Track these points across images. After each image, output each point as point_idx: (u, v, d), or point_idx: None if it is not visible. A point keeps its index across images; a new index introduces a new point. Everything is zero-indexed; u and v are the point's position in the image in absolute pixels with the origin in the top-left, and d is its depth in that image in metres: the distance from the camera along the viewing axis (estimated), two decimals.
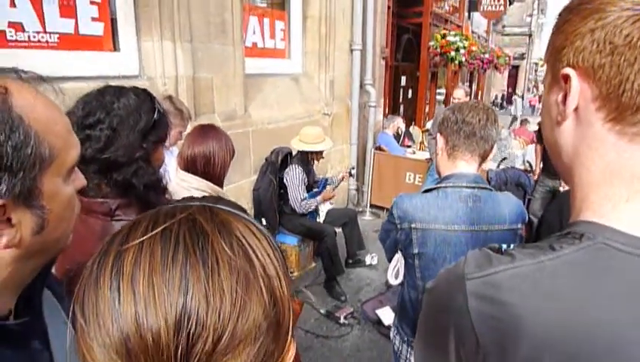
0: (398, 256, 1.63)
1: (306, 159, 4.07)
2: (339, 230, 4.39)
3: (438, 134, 1.59)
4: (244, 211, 0.51)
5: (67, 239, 0.67)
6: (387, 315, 3.57)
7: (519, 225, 1.53)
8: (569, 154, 0.58)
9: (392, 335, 1.83)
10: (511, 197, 1.57)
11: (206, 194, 1.90)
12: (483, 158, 1.55)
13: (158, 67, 3.29)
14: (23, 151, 0.54)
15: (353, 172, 4.90)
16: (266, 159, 4.12)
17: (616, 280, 0.49)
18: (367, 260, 4.54)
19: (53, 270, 0.74)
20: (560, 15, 0.58)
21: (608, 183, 0.54)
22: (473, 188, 1.50)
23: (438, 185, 1.56)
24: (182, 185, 1.82)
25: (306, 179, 4.04)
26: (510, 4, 16.03)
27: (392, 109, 8.85)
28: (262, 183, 4.06)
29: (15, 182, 0.53)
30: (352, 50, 5.62)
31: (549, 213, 1.37)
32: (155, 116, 1.15)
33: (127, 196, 1.09)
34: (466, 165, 1.52)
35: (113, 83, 3.17)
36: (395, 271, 1.64)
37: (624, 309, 0.48)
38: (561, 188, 4.31)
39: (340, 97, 5.57)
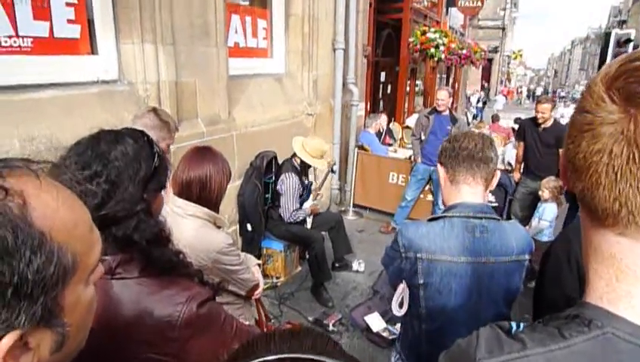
0: (403, 286, 1.60)
1: (303, 169, 4.02)
2: (325, 233, 4.36)
3: (439, 165, 1.58)
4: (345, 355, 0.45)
5: (84, 341, 0.59)
6: (376, 322, 3.57)
7: (526, 256, 1.52)
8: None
9: (392, 360, 1.81)
10: (518, 227, 1.56)
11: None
12: (487, 181, 1.54)
13: (139, 71, 3.15)
14: (45, 272, 0.46)
15: (335, 168, 4.88)
16: (251, 164, 4.04)
17: None
18: (355, 266, 4.53)
19: None
20: None
21: (615, 268, 0.54)
22: (480, 218, 1.48)
23: (445, 214, 1.53)
24: (176, 211, 1.73)
25: (301, 190, 3.98)
26: None
27: (373, 106, 8.82)
28: (247, 188, 3.97)
29: (35, 309, 0.46)
30: (334, 49, 5.55)
31: (558, 244, 1.36)
32: (156, 162, 1.05)
33: (128, 251, 1.01)
34: (469, 190, 1.50)
35: (92, 89, 3.03)
36: (399, 300, 1.61)
37: None
38: (540, 192, 4.36)
39: (323, 97, 5.50)
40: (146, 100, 3.18)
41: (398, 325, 2.90)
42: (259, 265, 2.20)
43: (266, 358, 0.42)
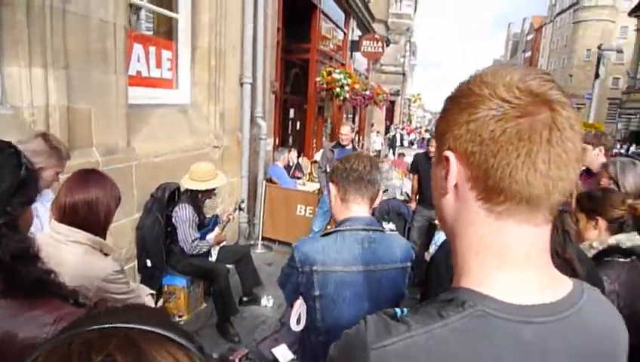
0: (300, 301, 1.63)
1: (196, 197, 3.90)
2: (232, 267, 4.26)
3: (330, 183, 1.67)
4: (175, 326, 0.44)
5: None
6: (283, 353, 3.51)
7: (408, 263, 1.64)
8: (451, 222, 0.66)
9: None
10: (400, 238, 1.70)
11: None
12: (372, 201, 1.65)
13: (25, 95, 2.93)
14: None
15: (243, 205, 4.83)
16: (152, 195, 3.87)
17: (494, 344, 0.57)
18: (263, 300, 4.45)
19: None
20: (445, 103, 0.67)
21: (482, 253, 0.62)
22: (368, 230, 1.57)
23: (337, 229, 1.61)
24: (56, 238, 1.60)
25: (197, 219, 3.86)
26: (387, 45, 17.53)
27: (282, 141, 8.99)
28: (146, 221, 3.79)
29: None
30: (242, 83, 5.62)
31: (438, 255, 1.51)
32: (23, 174, 0.98)
33: None
34: (358, 208, 1.61)
35: None
36: (297, 316, 1.63)
37: None
38: (436, 221, 4.70)
39: (230, 130, 5.50)
40: (32, 125, 2.95)
41: None
42: (152, 295, 2.08)
43: (86, 329, 0.41)
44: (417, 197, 5.38)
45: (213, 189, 3.94)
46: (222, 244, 4.23)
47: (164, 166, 4.18)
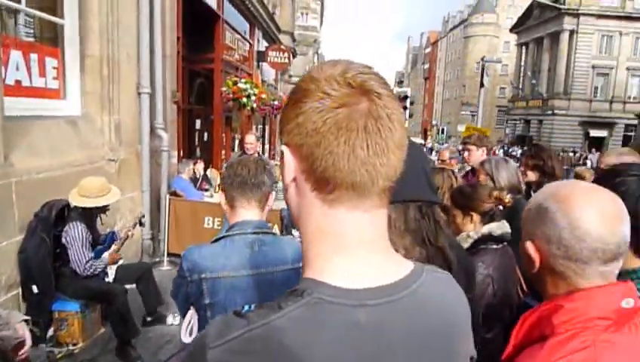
0: (192, 312, 1.58)
1: (89, 214, 3.62)
2: (133, 286, 4.01)
3: (220, 191, 1.65)
4: None
5: None
6: None
7: (300, 264, 1.66)
8: (296, 215, 0.68)
9: None
10: (292, 240, 1.71)
11: None
12: (262, 203, 1.66)
13: None
14: None
15: (143, 221, 4.58)
16: (36, 215, 3.53)
17: (329, 329, 0.58)
18: (169, 319, 4.24)
19: None
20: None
21: (319, 241, 0.64)
22: (258, 233, 1.58)
23: (226, 234, 1.60)
24: None
25: (91, 237, 3.58)
26: (294, 57, 17.83)
27: (188, 153, 8.71)
28: (30, 243, 3.45)
29: None
30: (139, 93, 5.36)
31: None
32: None
33: None
34: (246, 212, 1.61)
35: None
36: (189, 328, 1.58)
37: (337, 353, 0.57)
38: None
39: (128, 142, 5.21)
40: None
41: None
42: (26, 321, 1.90)
43: None
44: None
45: (107, 206, 3.68)
46: (120, 263, 3.97)
47: (50, 182, 3.84)
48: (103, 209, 3.68)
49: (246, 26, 11.63)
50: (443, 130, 46.20)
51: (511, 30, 45.08)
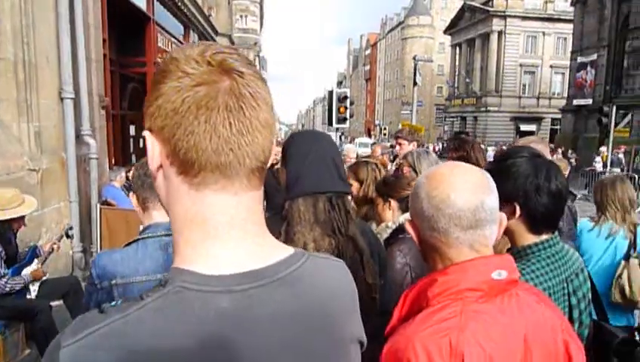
0: None
1: (1, 228, 3.36)
2: (59, 303, 3.78)
3: (131, 193, 1.59)
4: None
5: None
6: None
7: None
8: (166, 204, 0.65)
9: None
10: None
11: None
12: None
13: None
14: None
15: (71, 232, 4.33)
16: None
17: (189, 317, 0.55)
18: None
19: None
20: None
21: (188, 228, 0.61)
22: (172, 235, 1.53)
23: (138, 237, 1.54)
24: None
25: (4, 253, 3.33)
26: None
27: (123, 160, 8.35)
28: None
29: None
30: (62, 99, 5.07)
31: None
32: None
33: None
34: (159, 214, 1.56)
35: None
36: None
37: (197, 342, 0.55)
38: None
39: (51, 150, 4.91)
40: None
41: None
42: None
43: None
44: None
45: (22, 218, 3.44)
46: (44, 278, 3.73)
47: None
48: (19, 222, 3.43)
49: (180, 29, 11.33)
50: (385, 128, 47.42)
51: (445, 32, 47.07)
